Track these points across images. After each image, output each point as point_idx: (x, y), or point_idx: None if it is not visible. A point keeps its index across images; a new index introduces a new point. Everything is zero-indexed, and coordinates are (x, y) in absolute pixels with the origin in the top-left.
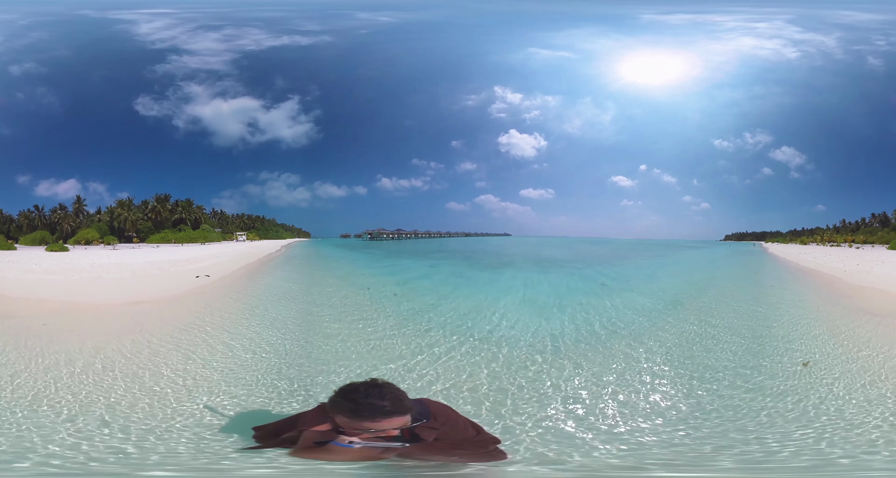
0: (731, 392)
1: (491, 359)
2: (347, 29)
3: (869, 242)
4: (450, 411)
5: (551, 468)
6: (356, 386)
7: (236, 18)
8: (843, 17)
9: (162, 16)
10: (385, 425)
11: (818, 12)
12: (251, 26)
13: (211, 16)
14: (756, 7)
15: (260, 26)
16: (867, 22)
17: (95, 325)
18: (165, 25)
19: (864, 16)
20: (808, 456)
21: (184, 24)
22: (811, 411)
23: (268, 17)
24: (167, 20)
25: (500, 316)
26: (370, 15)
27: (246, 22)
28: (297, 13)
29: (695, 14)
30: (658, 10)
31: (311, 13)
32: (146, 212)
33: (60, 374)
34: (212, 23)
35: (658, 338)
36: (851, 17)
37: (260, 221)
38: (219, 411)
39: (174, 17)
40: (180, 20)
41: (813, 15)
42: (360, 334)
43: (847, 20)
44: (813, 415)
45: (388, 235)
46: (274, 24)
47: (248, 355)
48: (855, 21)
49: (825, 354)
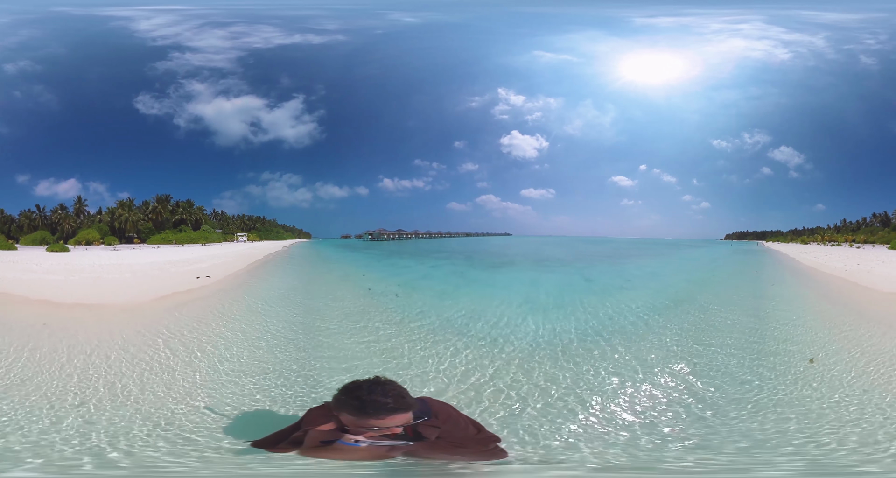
0: (735, 391)
1: (491, 359)
2: (364, 28)
3: (870, 241)
4: (451, 410)
5: (551, 467)
6: (360, 384)
7: (252, 15)
8: (816, 17)
9: (166, 12)
10: (389, 421)
11: (791, 13)
12: (266, 23)
13: (224, 13)
14: (732, 9)
15: (276, 24)
16: (846, 21)
17: (95, 325)
18: (168, 22)
19: (836, 16)
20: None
21: (189, 21)
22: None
23: (287, 14)
24: (171, 17)
25: (500, 316)
26: (396, 15)
27: (261, 19)
28: (319, 11)
29: (678, 16)
30: (646, 12)
31: (334, 11)
32: (147, 212)
33: (60, 373)
34: (223, 20)
35: (659, 337)
36: (824, 17)
37: (261, 222)
38: (219, 412)
39: (180, 14)
40: (187, 16)
41: (786, 15)
42: (362, 335)
43: (823, 20)
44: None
45: (389, 235)
46: (293, 21)
47: (249, 356)
48: (832, 20)
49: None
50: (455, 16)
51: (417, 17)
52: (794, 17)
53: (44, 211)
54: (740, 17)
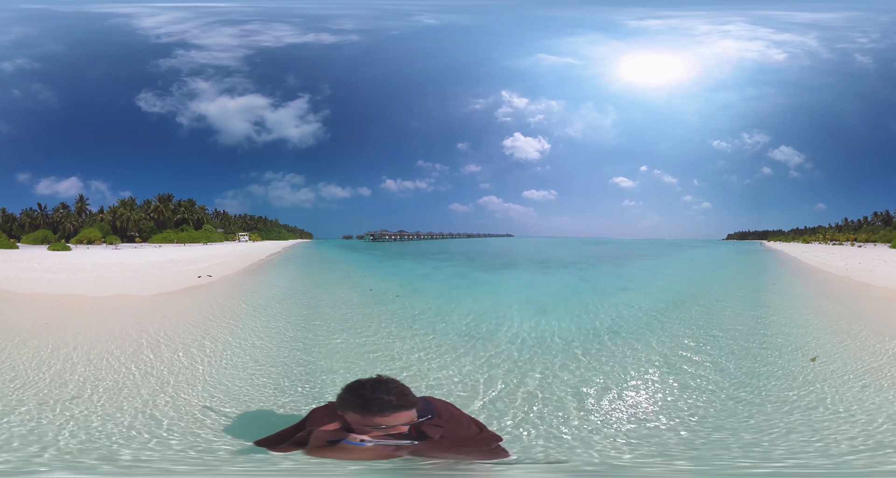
0: (738, 393)
1: (493, 359)
2: (380, 29)
3: (871, 240)
4: (453, 409)
5: (553, 467)
6: (363, 382)
7: (271, 13)
8: (793, 17)
9: (176, 9)
10: (393, 419)
11: (767, 13)
12: (283, 22)
13: (242, 10)
14: (712, 10)
15: (294, 22)
16: (827, 20)
17: (96, 324)
18: (176, 19)
19: (812, 16)
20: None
21: (201, 18)
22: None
23: (309, 13)
24: (180, 13)
25: (502, 317)
26: (417, 17)
27: (281, 17)
28: (340, 10)
29: (666, 19)
30: (636, 15)
31: (354, 10)
32: (149, 212)
33: (60, 373)
34: (240, 17)
35: (658, 338)
36: (801, 17)
37: (262, 222)
38: (220, 412)
39: (193, 11)
40: (200, 13)
41: (763, 16)
42: (363, 335)
43: (802, 20)
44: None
45: (391, 236)
46: (312, 20)
47: (250, 356)
48: (812, 20)
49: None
50: (467, 18)
51: (437, 19)
52: (771, 17)
53: (45, 210)
54: (723, 19)
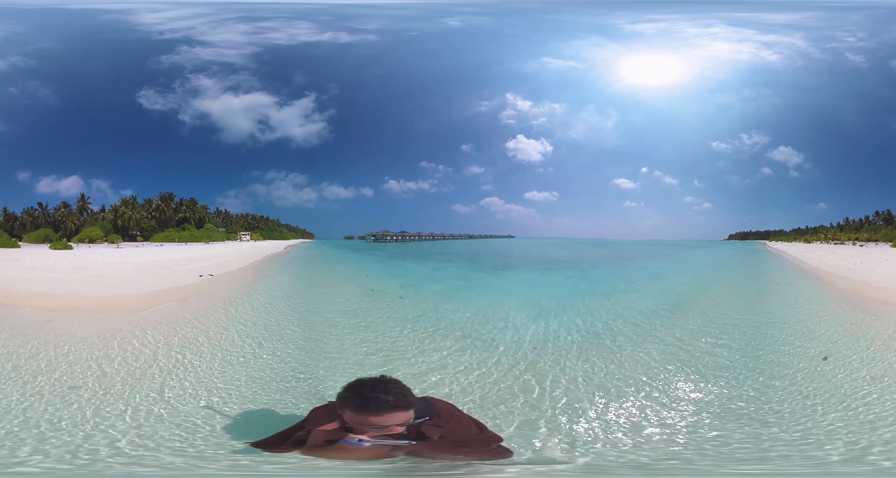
0: (738, 392)
1: (493, 359)
2: (401, 30)
3: (873, 239)
4: (453, 409)
5: (554, 468)
6: (363, 382)
7: (297, 10)
8: (765, 19)
9: (185, 5)
10: (388, 419)
11: (741, 16)
12: (306, 19)
13: (264, 8)
14: (692, 13)
15: (317, 20)
16: (805, 20)
17: (98, 322)
18: (180, 15)
19: (783, 16)
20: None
21: (214, 15)
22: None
23: (337, 11)
24: (189, 10)
25: (504, 318)
26: (443, 19)
27: (305, 15)
28: (366, 10)
29: (655, 23)
30: (629, 18)
31: (383, 11)
32: (150, 211)
33: (58, 373)
34: (260, 15)
35: (658, 337)
36: (774, 18)
37: (264, 222)
38: (220, 411)
39: (208, 6)
40: (216, 9)
41: (738, 18)
42: (364, 335)
43: (778, 21)
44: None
45: (392, 236)
46: (339, 19)
47: (250, 356)
48: (789, 20)
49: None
50: (486, 20)
51: (463, 22)
52: (749, 19)
53: (47, 209)
54: (705, 22)
